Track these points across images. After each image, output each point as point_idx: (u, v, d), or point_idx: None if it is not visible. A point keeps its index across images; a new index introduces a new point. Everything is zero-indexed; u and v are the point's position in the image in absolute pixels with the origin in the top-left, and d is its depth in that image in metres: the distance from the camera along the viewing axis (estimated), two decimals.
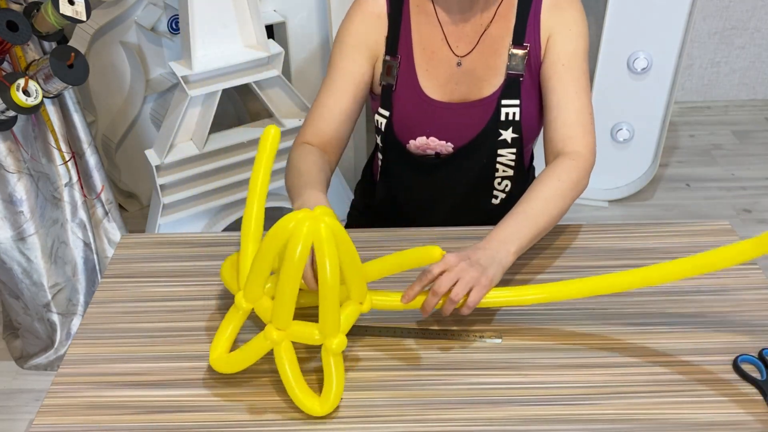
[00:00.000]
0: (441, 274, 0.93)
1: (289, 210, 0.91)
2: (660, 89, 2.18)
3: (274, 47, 1.76)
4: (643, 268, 0.91)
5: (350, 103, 1.19)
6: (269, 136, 0.95)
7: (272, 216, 2.25)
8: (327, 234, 0.81)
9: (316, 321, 0.86)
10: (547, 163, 1.15)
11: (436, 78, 1.19)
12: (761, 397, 0.88)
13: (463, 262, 0.93)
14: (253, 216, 0.96)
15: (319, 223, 0.81)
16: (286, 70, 2.01)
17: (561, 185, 1.07)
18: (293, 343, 0.88)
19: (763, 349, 0.93)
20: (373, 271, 0.92)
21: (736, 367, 0.92)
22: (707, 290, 1.04)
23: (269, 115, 1.91)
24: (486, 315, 1.00)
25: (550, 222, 1.05)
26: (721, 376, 0.91)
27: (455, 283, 0.92)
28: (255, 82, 1.79)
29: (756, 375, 0.91)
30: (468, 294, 0.92)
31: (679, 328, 0.98)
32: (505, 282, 1.06)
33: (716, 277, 1.06)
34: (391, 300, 0.95)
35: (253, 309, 0.90)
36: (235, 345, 0.94)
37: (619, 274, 0.93)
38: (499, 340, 0.97)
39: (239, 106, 2.53)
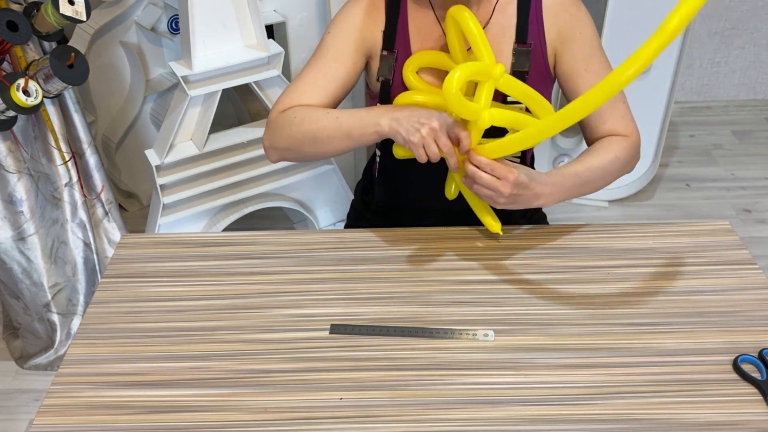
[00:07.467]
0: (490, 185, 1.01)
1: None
2: (660, 89, 2.18)
3: (274, 47, 1.76)
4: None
5: (336, 88, 1.18)
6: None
7: (269, 216, 2.26)
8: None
9: None
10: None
11: (437, 73, 1.18)
12: (761, 397, 0.88)
13: (511, 193, 1.02)
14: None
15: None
16: (286, 70, 2.01)
17: (617, 163, 1.14)
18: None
19: (763, 349, 0.93)
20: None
21: (736, 367, 0.92)
22: (707, 290, 1.04)
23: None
24: (486, 315, 1.00)
25: (593, 190, 1.14)
26: (721, 376, 0.91)
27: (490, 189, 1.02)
28: (255, 82, 1.79)
29: (756, 375, 0.91)
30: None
31: (679, 328, 0.98)
32: (504, 282, 1.06)
33: (716, 277, 1.06)
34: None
35: None
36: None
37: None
38: (491, 335, 0.97)
39: (239, 106, 2.53)
